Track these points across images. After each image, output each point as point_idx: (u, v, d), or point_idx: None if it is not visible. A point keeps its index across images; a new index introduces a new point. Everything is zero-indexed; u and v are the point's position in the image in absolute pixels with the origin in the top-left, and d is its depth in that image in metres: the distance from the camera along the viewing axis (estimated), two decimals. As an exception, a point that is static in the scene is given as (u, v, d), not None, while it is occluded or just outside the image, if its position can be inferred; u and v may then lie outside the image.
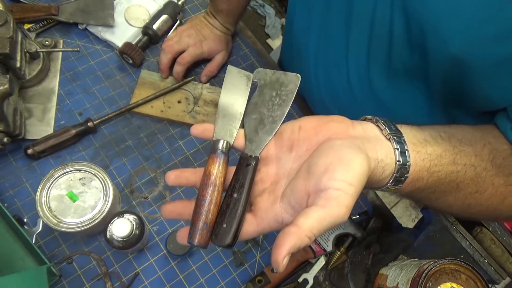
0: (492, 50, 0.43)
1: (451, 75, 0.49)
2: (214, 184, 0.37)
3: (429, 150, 0.41)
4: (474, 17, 0.43)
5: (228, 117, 0.41)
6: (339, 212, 0.33)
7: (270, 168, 0.40)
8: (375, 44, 0.56)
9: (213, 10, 0.85)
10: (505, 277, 0.65)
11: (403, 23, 0.50)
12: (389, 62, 0.56)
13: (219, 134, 0.40)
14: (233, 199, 0.37)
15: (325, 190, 0.33)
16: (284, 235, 0.32)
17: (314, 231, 0.32)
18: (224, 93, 0.42)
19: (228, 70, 0.42)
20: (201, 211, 0.37)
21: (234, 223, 0.37)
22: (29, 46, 0.74)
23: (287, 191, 0.38)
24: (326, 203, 0.33)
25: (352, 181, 0.33)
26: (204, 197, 0.37)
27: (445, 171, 0.42)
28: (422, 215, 0.70)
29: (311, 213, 0.33)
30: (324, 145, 0.37)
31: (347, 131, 0.39)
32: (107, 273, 0.68)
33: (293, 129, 0.40)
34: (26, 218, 0.70)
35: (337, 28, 0.61)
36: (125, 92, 0.83)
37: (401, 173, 0.39)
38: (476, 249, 0.65)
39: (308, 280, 0.69)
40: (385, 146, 0.39)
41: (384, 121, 0.41)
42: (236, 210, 0.37)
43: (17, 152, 0.74)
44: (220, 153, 0.39)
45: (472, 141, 0.45)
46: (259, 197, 0.39)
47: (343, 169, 0.34)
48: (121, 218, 0.61)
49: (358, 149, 0.36)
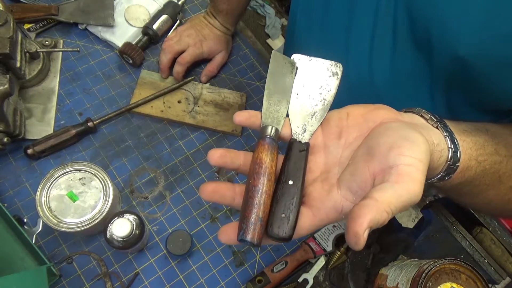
0: (500, 51, 0.43)
1: (456, 75, 0.49)
2: (266, 172, 0.34)
3: (473, 139, 0.41)
4: (482, 18, 0.42)
5: (274, 103, 0.39)
6: (414, 188, 0.30)
7: (317, 157, 0.38)
8: (378, 45, 0.56)
9: (213, 10, 0.85)
10: (505, 277, 0.65)
11: (407, 23, 0.50)
12: (392, 63, 0.56)
13: (266, 120, 0.38)
14: (288, 186, 0.34)
15: (395, 167, 0.31)
16: (361, 207, 0.29)
17: (392, 207, 0.29)
18: (270, 79, 0.40)
19: (272, 55, 0.40)
20: (254, 203, 0.33)
21: (293, 212, 0.34)
22: (29, 46, 0.74)
23: (346, 176, 0.35)
24: (400, 178, 0.30)
25: (421, 157, 0.31)
26: (256, 187, 0.33)
27: (489, 161, 0.41)
28: (422, 215, 0.70)
29: (386, 188, 0.30)
30: (379, 128, 0.36)
31: (396, 117, 0.38)
32: (107, 273, 0.68)
33: (341, 116, 0.38)
34: (26, 218, 0.70)
35: (337, 27, 0.61)
36: (125, 92, 0.83)
37: (453, 160, 0.38)
38: (476, 249, 0.65)
39: (308, 280, 0.68)
40: (436, 133, 0.38)
41: (427, 111, 0.40)
42: (293, 197, 0.34)
43: (17, 152, 0.74)
44: (270, 139, 0.36)
45: (504, 135, 0.45)
46: (311, 186, 0.37)
47: (411, 145, 0.32)
48: (121, 218, 0.61)
49: (416, 130, 0.34)
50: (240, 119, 0.38)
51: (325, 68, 0.41)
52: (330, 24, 0.62)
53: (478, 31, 0.43)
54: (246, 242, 0.33)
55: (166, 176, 0.77)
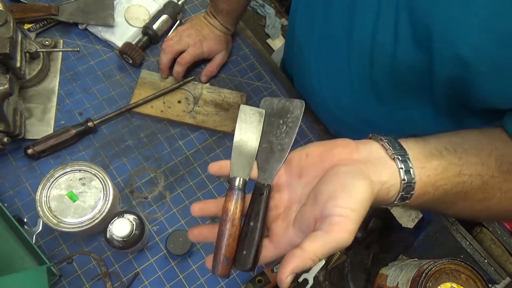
0: (501, 51, 0.43)
1: (456, 76, 0.49)
2: (232, 219, 0.40)
3: (434, 164, 0.42)
4: (483, 18, 0.42)
5: (243, 155, 0.43)
6: (342, 237, 0.35)
7: (282, 194, 0.42)
8: (379, 47, 0.56)
9: (213, 10, 0.85)
10: (505, 277, 0.65)
11: (409, 24, 0.50)
12: (393, 63, 0.56)
13: (235, 171, 0.43)
14: (250, 228, 0.40)
15: (329, 216, 0.35)
16: (289, 256, 0.35)
17: (318, 254, 0.35)
18: (238, 132, 0.44)
19: (240, 109, 0.45)
20: (221, 245, 0.40)
21: (253, 249, 0.40)
22: (29, 46, 0.74)
23: (298, 217, 0.40)
24: (330, 228, 0.35)
25: (355, 207, 0.36)
26: (223, 232, 0.40)
27: (451, 183, 0.43)
28: (422, 215, 0.70)
29: (316, 237, 0.35)
30: (329, 172, 0.39)
31: (351, 156, 0.40)
32: (107, 273, 0.68)
33: (301, 157, 0.42)
34: (26, 218, 0.70)
35: (338, 29, 0.61)
36: (125, 92, 0.83)
37: (406, 191, 0.40)
38: (476, 249, 0.65)
39: (308, 280, 0.68)
40: (390, 167, 0.40)
41: (388, 140, 0.42)
42: (253, 237, 0.40)
43: (17, 152, 0.74)
44: (237, 190, 0.41)
45: (478, 149, 0.45)
46: (274, 223, 0.42)
47: (346, 196, 0.36)
48: (121, 218, 0.61)
49: (362, 174, 0.38)
50: (212, 170, 0.43)
51: (288, 108, 0.44)
52: (331, 26, 0.62)
53: (479, 31, 0.43)
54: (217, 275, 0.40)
55: (166, 176, 0.77)
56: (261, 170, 0.43)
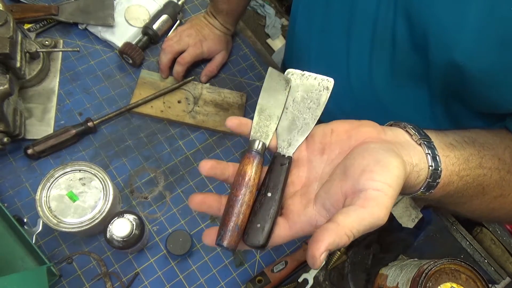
0: (495, 58, 0.43)
1: (452, 79, 0.49)
2: (248, 184, 0.36)
3: (457, 154, 0.41)
4: (478, 25, 0.42)
5: (265, 118, 0.41)
6: (379, 213, 0.32)
7: (301, 170, 0.40)
8: (378, 47, 0.56)
9: (213, 10, 0.85)
10: (505, 277, 0.65)
11: (406, 26, 0.50)
12: (392, 65, 0.56)
13: (255, 134, 0.40)
14: (266, 198, 0.37)
15: (364, 191, 0.33)
16: (322, 230, 0.31)
17: (354, 231, 0.31)
18: (263, 94, 0.41)
19: (268, 72, 0.42)
20: (233, 212, 0.36)
21: (268, 223, 0.36)
22: (29, 46, 0.74)
23: (321, 193, 0.37)
24: (366, 203, 0.32)
25: (391, 182, 0.33)
26: (237, 198, 0.36)
27: (473, 174, 0.42)
28: (422, 215, 0.70)
29: (351, 212, 0.32)
30: (359, 148, 0.37)
31: (379, 135, 0.38)
32: (107, 273, 0.68)
33: (325, 132, 0.39)
34: (26, 218, 0.70)
35: (338, 31, 0.61)
36: (125, 92, 0.83)
37: (433, 178, 0.39)
38: (476, 249, 0.65)
39: (308, 280, 0.68)
40: (417, 151, 0.39)
41: (412, 126, 0.41)
42: (270, 209, 0.36)
43: (17, 152, 0.74)
44: (256, 153, 0.38)
45: (493, 145, 0.45)
46: (291, 199, 0.39)
47: (382, 170, 0.33)
48: (121, 218, 0.61)
49: (394, 152, 0.35)
50: (231, 124, 0.39)
51: (316, 83, 0.42)
52: (331, 28, 0.62)
53: (474, 37, 0.43)
54: (222, 247, 0.35)
55: (166, 176, 0.77)
56: (281, 140, 0.40)
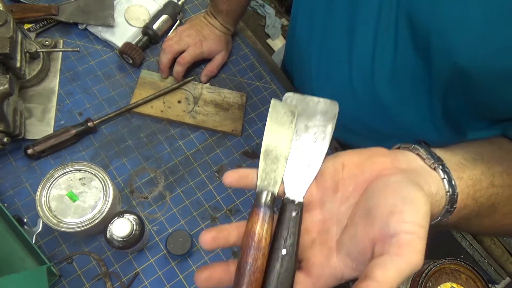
0: (498, 62, 0.43)
1: (453, 83, 0.49)
2: (259, 246, 0.32)
3: (470, 175, 0.38)
4: (481, 29, 0.42)
5: (271, 162, 0.35)
6: (416, 260, 0.29)
7: (314, 214, 0.36)
8: (380, 49, 0.56)
9: (213, 10, 0.85)
10: (505, 277, 0.65)
11: (408, 29, 0.50)
12: (393, 66, 0.56)
13: (262, 183, 0.34)
14: (281, 257, 0.32)
15: (396, 236, 0.29)
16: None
17: (394, 285, 0.28)
18: (268, 133, 0.36)
19: (272, 105, 0.37)
20: (244, 282, 0.31)
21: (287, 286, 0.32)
22: (29, 46, 0.74)
23: (345, 241, 0.33)
24: (401, 251, 0.29)
25: (422, 222, 0.30)
26: (247, 264, 0.31)
27: (486, 195, 0.39)
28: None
29: (388, 264, 0.28)
30: (377, 184, 0.33)
31: (393, 165, 0.35)
32: (107, 273, 0.68)
33: (336, 168, 0.35)
34: (26, 218, 0.70)
35: (339, 33, 0.61)
36: (125, 92, 0.83)
37: (451, 204, 0.36)
38: (476, 249, 0.65)
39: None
40: (434, 178, 0.35)
41: (423, 149, 0.37)
42: (287, 269, 0.32)
43: (17, 152, 0.74)
44: (265, 208, 0.33)
45: (500, 159, 0.43)
46: (310, 251, 0.34)
47: (411, 209, 0.30)
48: (121, 218, 0.61)
49: (417, 185, 0.32)
50: (229, 180, 0.35)
51: (320, 109, 0.37)
52: (332, 29, 0.62)
53: (477, 42, 0.43)
54: None
55: (166, 176, 0.77)
56: (289, 184, 0.35)
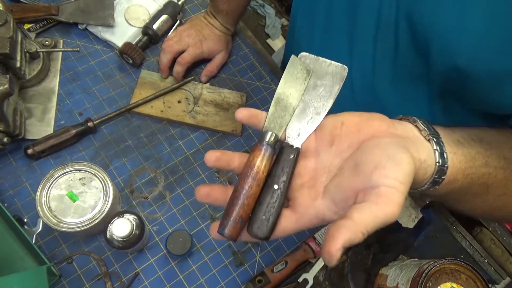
0: (498, 63, 0.43)
1: (453, 82, 0.49)
2: (256, 177, 0.36)
3: (464, 152, 0.41)
4: (480, 29, 0.42)
5: (281, 109, 0.39)
6: (392, 210, 0.32)
7: (308, 162, 0.39)
8: (380, 50, 0.56)
9: (213, 10, 0.85)
10: (505, 277, 0.65)
11: (409, 29, 0.50)
12: (394, 66, 0.56)
13: (269, 125, 0.39)
14: (272, 190, 0.36)
15: (376, 187, 0.32)
16: (338, 227, 0.31)
17: (368, 228, 0.31)
18: (283, 83, 0.40)
19: (290, 60, 0.40)
20: (238, 202, 0.35)
21: (273, 216, 0.36)
22: (29, 46, 0.74)
23: (331, 188, 0.37)
24: (379, 200, 0.32)
25: (403, 179, 0.33)
26: (243, 189, 0.36)
27: (478, 173, 0.42)
28: (422, 215, 0.70)
29: (365, 209, 0.32)
30: (369, 142, 0.36)
31: (389, 129, 0.38)
32: (107, 273, 0.68)
33: (335, 124, 0.39)
34: (26, 218, 0.70)
35: (339, 33, 0.61)
36: (125, 92, 0.83)
37: (439, 174, 0.39)
38: (476, 249, 0.65)
39: (308, 280, 0.68)
40: (426, 147, 0.39)
41: (422, 121, 0.41)
42: (276, 202, 0.36)
43: (17, 152, 0.74)
44: (267, 146, 0.37)
45: (500, 144, 0.45)
46: (298, 192, 0.38)
47: (394, 167, 0.33)
48: (121, 218, 0.61)
49: (405, 148, 0.35)
50: (241, 116, 0.39)
51: (330, 70, 0.40)
52: (333, 28, 0.62)
53: (476, 42, 0.43)
54: (224, 236, 0.36)
55: (166, 176, 0.77)
56: (290, 130, 0.39)
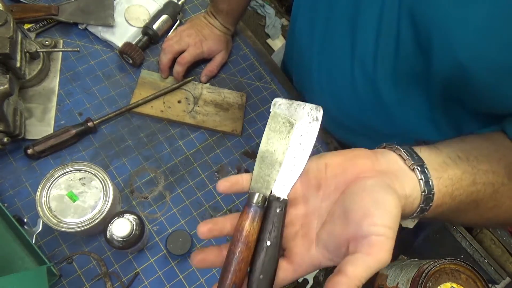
0: (499, 58, 0.43)
1: (453, 79, 0.49)
2: (246, 241, 0.36)
3: (450, 174, 0.41)
4: (483, 25, 0.42)
5: (266, 167, 0.39)
6: (383, 257, 0.33)
7: (298, 209, 0.40)
8: (382, 48, 0.56)
9: (213, 10, 0.85)
10: (505, 277, 0.65)
11: (411, 26, 0.50)
12: (396, 66, 0.56)
13: (255, 185, 0.39)
14: (265, 247, 0.37)
15: (367, 237, 0.33)
16: (334, 285, 0.32)
17: (362, 280, 0.33)
18: (265, 140, 0.40)
19: (271, 115, 0.41)
20: (230, 269, 0.36)
21: (270, 273, 0.36)
22: (29, 46, 0.74)
23: (324, 236, 0.38)
24: (371, 250, 0.33)
25: (391, 224, 0.34)
26: (234, 254, 0.36)
27: (466, 193, 0.42)
28: (422, 215, 0.70)
29: (358, 261, 0.33)
30: (355, 186, 0.37)
31: (374, 167, 0.39)
32: (107, 273, 0.68)
33: (319, 167, 0.39)
34: (26, 218, 0.70)
35: (341, 32, 0.61)
36: (125, 92, 0.83)
37: (426, 203, 0.39)
38: (476, 249, 0.65)
39: (308, 280, 0.68)
40: (410, 179, 0.39)
41: (405, 150, 0.40)
42: (271, 258, 0.37)
43: (17, 152, 0.74)
44: (256, 208, 0.37)
45: (488, 157, 0.45)
46: (293, 241, 0.39)
47: (381, 213, 0.34)
48: (121, 218, 0.61)
49: (390, 188, 0.36)
50: (222, 188, 0.39)
51: (305, 113, 0.41)
52: (334, 28, 0.62)
53: (479, 38, 0.43)
54: None
55: (166, 176, 0.77)
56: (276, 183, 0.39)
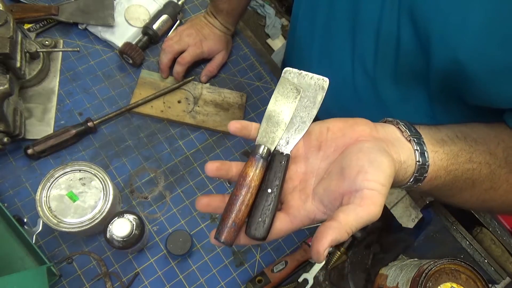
0: (499, 56, 0.43)
1: (453, 78, 0.49)
2: (249, 186, 0.39)
3: (447, 150, 0.44)
4: (482, 23, 0.43)
5: (272, 125, 0.43)
6: (374, 210, 0.35)
7: (298, 166, 0.42)
8: (382, 47, 0.56)
9: (214, 10, 0.85)
10: (505, 277, 0.65)
11: (410, 25, 0.50)
12: (396, 65, 0.57)
13: (261, 139, 0.42)
14: (267, 194, 0.39)
15: (360, 190, 0.36)
16: (325, 228, 0.34)
17: (353, 227, 0.35)
18: (273, 101, 0.44)
19: (280, 80, 0.44)
20: (232, 209, 0.38)
21: (269, 217, 0.39)
22: (29, 46, 0.74)
23: (320, 190, 0.40)
24: (362, 202, 0.35)
25: (384, 181, 0.36)
26: (237, 197, 0.39)
27: (461, 169, 0.44)
28: (422, 215, 0.70)
29: (350, 211, 0.35)
30: (353, 147, 0.39)
31: (371, 133, 0.41)
32: (107, 273, 0.68)
33: (322, 130, 0.42)
34: (26, 218, 0.70)
35: (341, 32, 0.61)
36: (125, 92, 0.83)
37: (420, 172, 0.41)
38: (476, 249, 0.65)
39: (308, 280, 0.69)
40: (406, 148, 0.41)
41: (404, 123, 0.43)
42: (270, 204, 0.39)
43: (17, 152, 0.74)
44: (260, 158, 0.40)
45: (486, 140, 0.47)
46: (290, 195, 0.41)
47: (376, 170, 0.36)
48: (121, 218, 0.61)
49: (385, 151, 0.38)
50: (233, 129, 0.42)
51: (312, 82, 0.44)
52: (334, 28, 0.62)
53: (478, 35, 0.43)
54: (220, 242, 0.38)
55: (166, 176, 0.77)
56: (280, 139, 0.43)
